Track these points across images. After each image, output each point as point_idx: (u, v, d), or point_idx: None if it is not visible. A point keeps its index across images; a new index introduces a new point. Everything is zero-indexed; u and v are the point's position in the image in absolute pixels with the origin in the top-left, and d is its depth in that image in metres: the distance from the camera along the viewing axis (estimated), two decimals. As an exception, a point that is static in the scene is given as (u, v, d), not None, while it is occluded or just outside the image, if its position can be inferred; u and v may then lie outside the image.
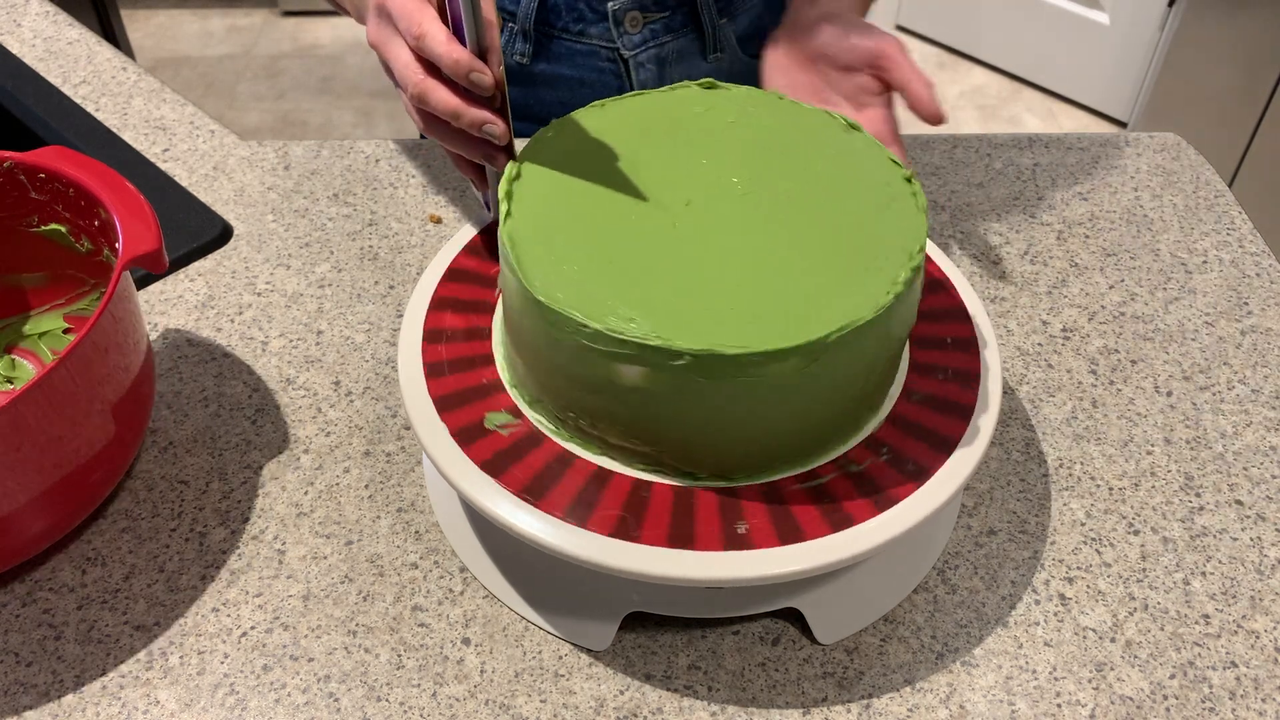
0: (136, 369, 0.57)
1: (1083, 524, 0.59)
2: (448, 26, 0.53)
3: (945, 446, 0.51)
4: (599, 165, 0.54)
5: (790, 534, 0.47)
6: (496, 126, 0.53)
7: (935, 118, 0.61)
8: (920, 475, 0.50)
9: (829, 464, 0.51)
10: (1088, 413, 0.65)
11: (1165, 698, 0.52)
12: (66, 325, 0.68)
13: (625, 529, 0.48)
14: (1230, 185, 1.99)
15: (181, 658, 0.53)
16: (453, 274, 0.60)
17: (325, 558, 0.57)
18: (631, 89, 0.85)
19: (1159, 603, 0.56)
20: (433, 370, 0.54)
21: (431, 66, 0.54)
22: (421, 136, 0.91)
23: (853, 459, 0.51)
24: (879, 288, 0.47)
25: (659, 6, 0.83)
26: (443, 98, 0.53)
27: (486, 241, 0.62)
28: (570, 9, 0.82)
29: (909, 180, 0.53)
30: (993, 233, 0.78)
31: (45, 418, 0.50)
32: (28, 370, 0.66)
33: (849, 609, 0.54)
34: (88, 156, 0.60)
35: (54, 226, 0.64)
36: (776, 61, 0.69)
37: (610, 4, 0.81)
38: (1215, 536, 0.59)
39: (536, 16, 0.82)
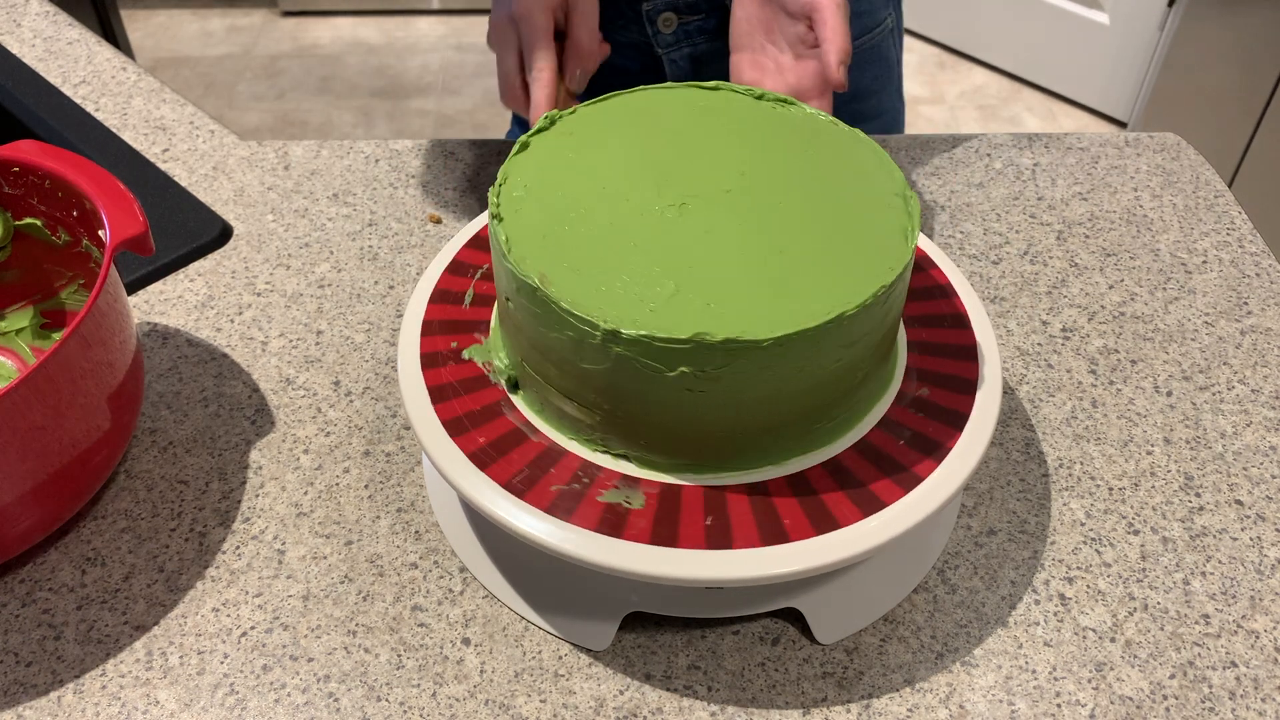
0: (129, 357, 0.57)
1: (1083, 524, 0.59)
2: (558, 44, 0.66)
3: (944, 446, 0.51)
4: (624, 139, 0.54)
5: (779, 535, 0.47)
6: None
7: (836, 85, 0.62)
8: (919, 476, 0.50)
9: (825, 463, 0.51)
10: (1088, 413, 0.65)
11: (1165, 698, 0.52)
12: (44, 320, 0.67)
13: (516, 482, 0.48)
14: (1230, 185, 1.99)
15: (181, 658, 0.53)
16: (453, 272, 0.60)
17: (325, 558, 0.57)
18: None
19: (1159, 603, 0.56)
20: (432, 373, 0.54)
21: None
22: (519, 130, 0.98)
23: (850, 459, 0.51)
24: (794, 316, 0.47)
25: (692, 10, 0.83)
26: (522, 111, 0.69)
27: (485, 239, 0.62)
28: (610, 3, 0.82)
29: (906, 235, 0.52)
30: (993, 233, 0.78)
31: (44, 406, 0.50)
32: (7, 368, 0.66)
33: (849, 609, 0.54)
34: (60, 148, 0.60)
35: (29, 220, 0.64)
36: None
37: (644, 5, 0.82)
38: (1215, 536, 0.59)
39: None
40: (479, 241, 0.62)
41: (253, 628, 0.54)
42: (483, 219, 0.63)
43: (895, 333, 0.53)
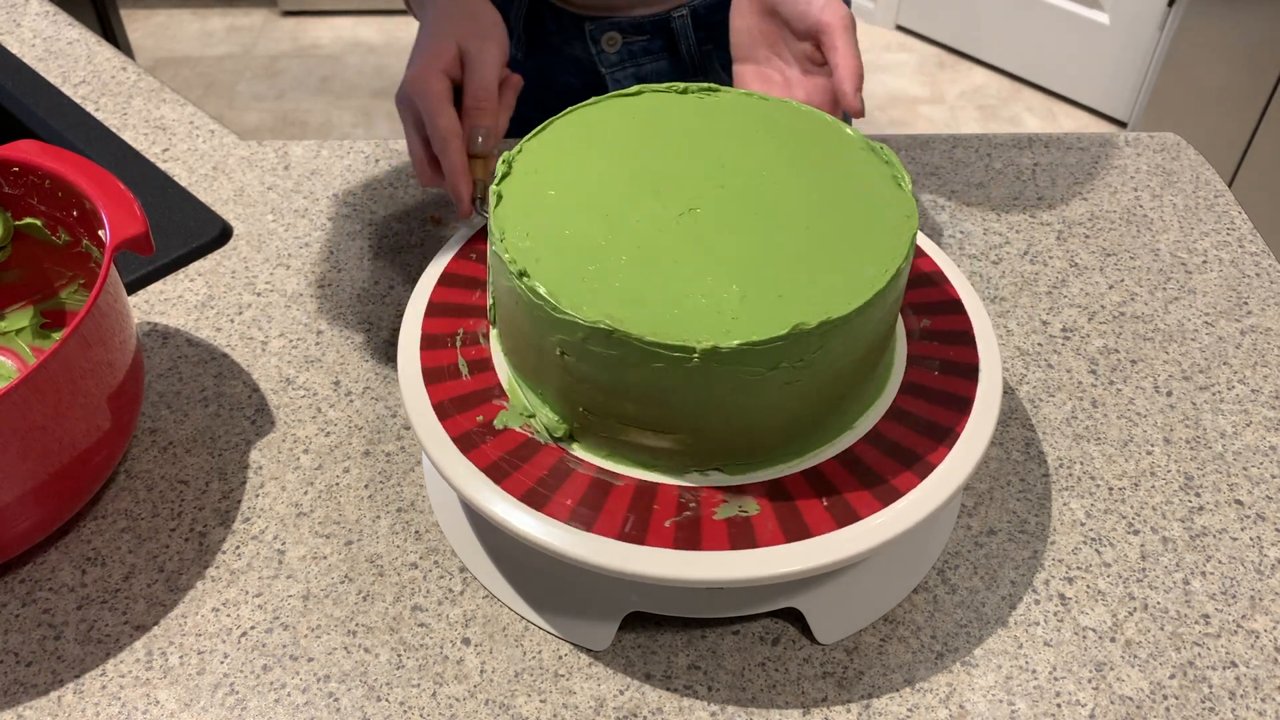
0: (129, 357, 0.57)
1: (1083, 524, 0.59)
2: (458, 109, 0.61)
3: (944, 447, 0.51)
4: (590, 163, 0.54)
5: (789, 533, 0.47)
6: (460, 206, 0.61)
7: (853, 112, 0.59)
8: (919, 476, 0.50)
9: (824, 464, 0.51)
10: (1088, 413, 0.65)
11: (1165, 698, 0.52)
12: (44, 320, 0.67)
13: (629, 530, 0.47)
14: (1230, 185, 1.99)
15: (181, 658, 0.53)
16: (452, 273, 0.60)
17: (325, 558, 0.57)
18: None
19: (1159, 603, 0.56)
20: (431, 372, 0.54)
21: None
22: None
23: (848, 459, 0.51)
24: (862, 283, 0.48)
25: (637, 30, 0.83)
26: (437, 187, 0.63)
27: (484, 241, 0.62)
28: (554, 19, 0.83)
29: (899, 182, 0.53)
30: (993, 233, 0.78)
31: (44, 406, 0.50)
32: (7, 368, 0.66)
33: (849, 609, 0.54)
34: (60, 148, 0.60)
35: (29, 220, 0.63)
36: (739, 3, 0.66)
37: (587, 25, 0.82)
38: (1215, 536, 0.59)
39: (525, 25, 0.85)
40: (480, 235, 0.62)
41: (253, 628, 0.54)
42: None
43: (885, 350, 0.54)
